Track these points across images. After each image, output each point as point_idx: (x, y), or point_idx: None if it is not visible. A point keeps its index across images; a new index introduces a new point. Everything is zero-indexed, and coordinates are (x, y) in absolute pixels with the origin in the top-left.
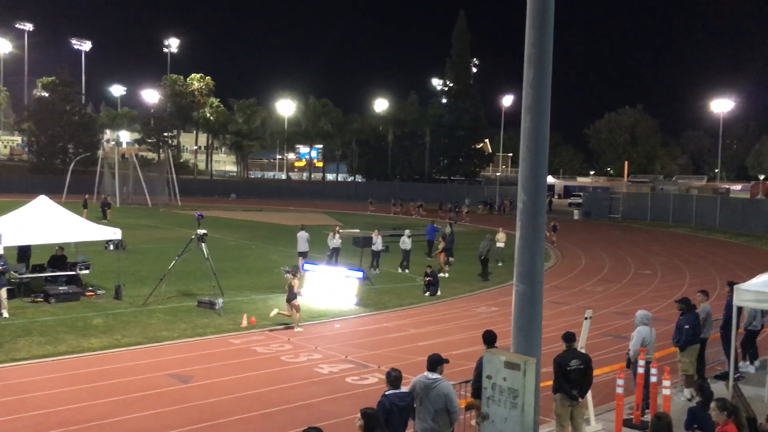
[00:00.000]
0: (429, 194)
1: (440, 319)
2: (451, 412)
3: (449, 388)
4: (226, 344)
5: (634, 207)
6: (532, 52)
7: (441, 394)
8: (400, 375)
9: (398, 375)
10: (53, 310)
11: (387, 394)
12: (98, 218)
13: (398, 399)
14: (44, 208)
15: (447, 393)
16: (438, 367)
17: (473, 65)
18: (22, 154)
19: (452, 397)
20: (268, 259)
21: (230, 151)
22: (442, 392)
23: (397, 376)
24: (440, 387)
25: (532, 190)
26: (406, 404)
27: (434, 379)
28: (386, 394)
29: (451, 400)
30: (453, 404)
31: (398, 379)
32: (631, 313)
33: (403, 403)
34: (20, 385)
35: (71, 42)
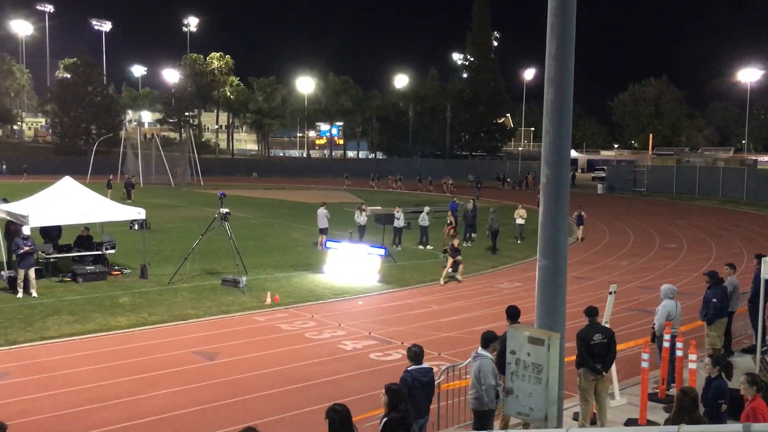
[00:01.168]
0: (450, 170)
1: (463, 296)
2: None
3: (484, 365)
4: (251, 322)
5: (659, 180)
6: (554, 22)
7: (476, 369)
8: (420, 351)
9: (418, 351)
10: (81, 290)
11: (409, 370)
12: (122, 198)
13: (420, 374)
14: (69, 189)
15: (479, 368)
16: (491, 345)
17: (494, 39)
18: (46, 136)
19: (486, 371)
20: (290, 237)
21: (251, 130)
22: (477, 368)
23: (417, 351)
24: (477, 363)
25: (555, 165)
26: (428, 380)
27: (475, 356)
28: (408, 369)
29: (485, 374)
30: (486, 378)
31: (418, 354)
32: (656, 288)
33: (425, 378)
34: (50, 363)
35: (92, 23)
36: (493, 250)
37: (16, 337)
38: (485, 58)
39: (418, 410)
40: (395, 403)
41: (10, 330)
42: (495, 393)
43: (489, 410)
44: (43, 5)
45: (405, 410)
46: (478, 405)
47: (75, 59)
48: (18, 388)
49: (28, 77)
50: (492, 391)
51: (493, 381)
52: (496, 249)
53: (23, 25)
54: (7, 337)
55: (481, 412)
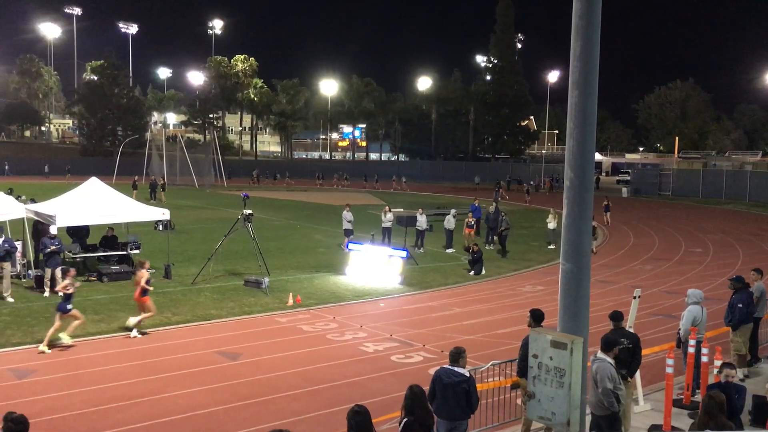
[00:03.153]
0: (473, 173)
1: (485, 298)
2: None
3: (602, 369)
4: (273, 322)
5: (685, 184)
6: (579, 24)
7: (594, 373)
8: (455, 352)
9: (453, 352)
10: (106, 289)
11: (441, 367)
12: (146, 199)
13: (446, 374)
14: (96, 190)
15: (596, 371)
16: (611, 349)
17: (518, 41)
18: (73, 137)
19: (603, 375)
20: (313, 238)
21: (274, 132)
22: (594, 371)
23: (452, 352)
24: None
25: (579, 168)
26: (452, 382)
27: (594, 359)
28: (442, 366)
29: (602, 378)
30: (602, 382)
31: (452, 355)
32: (681, 292)
33: (448, 379)
34: (75, 362)
35: (118, 25)
36: (503, 253)
37: (42, 335)
38: (509, 60)
39: (444, 410)
40: (411, 407)
41: (37, 328)
42: (615, 397)
43: (612, 413)
44: (71, 8)
45: (422, 414)
46: (599, 409)
47: (102, 61)
48: (44, 385)
49: (56, 79)
50: (609, 395)
51: (609, 385)
52: (506, 251)
53: (51, 27)
54: (33, 335)
55: (603, 416)
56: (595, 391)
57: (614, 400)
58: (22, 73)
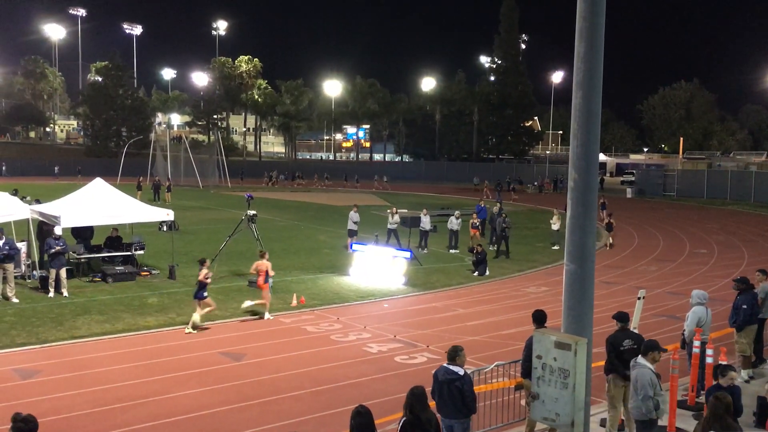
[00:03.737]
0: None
1: (489, 299)
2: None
3: (642, 375)
4: (277, 323)
5: (689, 184)
6: (583, 26)
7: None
8: (452, 350)
9: (450, 350)
10: (110, 290)
11: (442, 365)
12: (150, 200)
13: (440, 372)
14: (100, 190)
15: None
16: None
17: (522, 42)
18: (78, 138)
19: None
20: (317, 239)
21: (278, 133)
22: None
23: (448, 351)
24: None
25: (583, 168)
26: (446, 380)
27: (634, 365)
28: (442, 365)
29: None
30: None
31: (449, 354)
32: (686, 293)
33: (442, 377)
34: (80, 362)
35: (123, 26)
36: (506, 254)
37: (47, 335)
38: (513, 61)
39: (440, 408)
40: (411, 406)
41: (42, 329)
42: (655, 404)
43: (650, 420)
44: (76, 9)
45: (419, 413)
46: (640, 415)
47: (106, 62)
48: (49, 386)
49: (60, 80)
50: (649, 402)
51: (650, 392)
52: (508, 252)
53: (56, 28)
54: (38, 335)
55: (642, 422)
56: (635, 397)
57: (653, 406)
58: (26, 74)
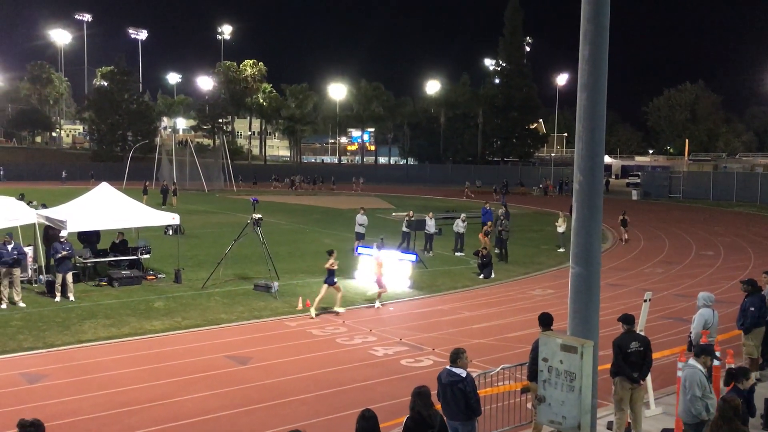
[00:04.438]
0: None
1: (495, 302)
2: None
3: (691, 376)
4: (282, 327)
5: (695, 186)
6: (587, 28)
7: (683, 379)
8: (454, 352)
9: (452, 352)
10: (116, 294)
11: (445, 368)
12: (158, 204)
13: (443, 374)
14: (106, 195)
15: (685, 378)
16: (702, 356)
17: (526, 44)
18: (84, 143)
19: (691, 382)
20: (322, 242)
21: (283, 136)
22: (684, 378)
23: (451, 353)
24: (685, 373)
25: (589, 171)
26: (448, 382)
27: (684, 365)
28: (445, 367)
29: (690, 384)
30: (691, 389)
31: (451, 356)
32: (693, 296)
33: (444, 380)
34: (87, 366)
35: (128, 31)
36: (504, 257)
37: (53, 340)
38: (517, 64)
39: (445, 410)
40: (413, 404)
41: (48, 333)
42: (704, 405)
43: (700, 421)
44: (81, 14)
45: (421, 410)
46: (688, 416)
47: (112, 67)
48: (55, 390)
49: (66, 85)
50: (697, 402)
51: (698, 392)
52: (507, 257)
53: (62, 34)
54: (45, 339)
55: (691, 424)
56: (684, 398)
57: (702, 408)
58: (32, 79)
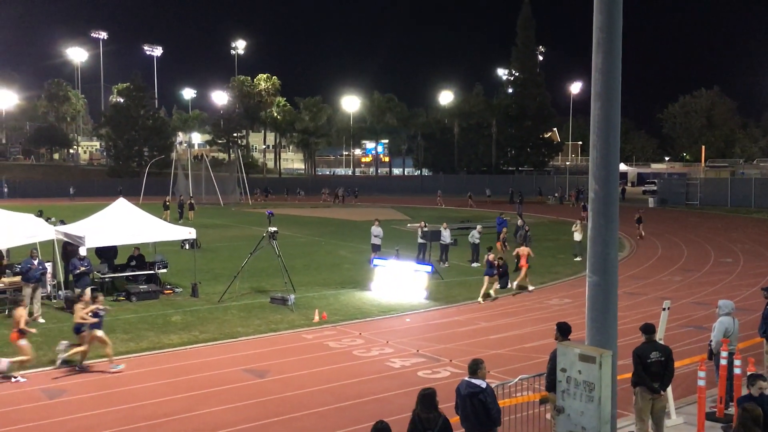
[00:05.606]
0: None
1: (511, 312)
2: None
3: None
4: (299, 339)
5: (712, 193)
6: (600, 37)
7: None
8: (473, 363)
9: (471, 363)
10: (134, 308)
11: (463, 379)
12: (175, 219)
13: (462, 386)
14: (123, 210)
15: None
16: None
17: (539, 53)
18: (101, 159)
19: None
20: (338, 255)
21: (297, 149)
22: None
23: (471, 364)
24: None
25: (604, 179)
26: (468, 393)
27: None
28: (463, 378)
29: None
30: None
31: (469, 367)
32: (712, 303)
33: (464, 391)
34: (106, 381)
35: (143, 48)
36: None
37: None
38: (531, 73)
39: (464, 422)
40: (414, 408)
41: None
42: None
43: None
44: (97, 32)
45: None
46: None
47: (128, 84)
48: (75, 405)
49: (83, 102)
50: None
51: None
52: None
53: (78, 52)
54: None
55: None
56: None
57: None
58: (50, 97)
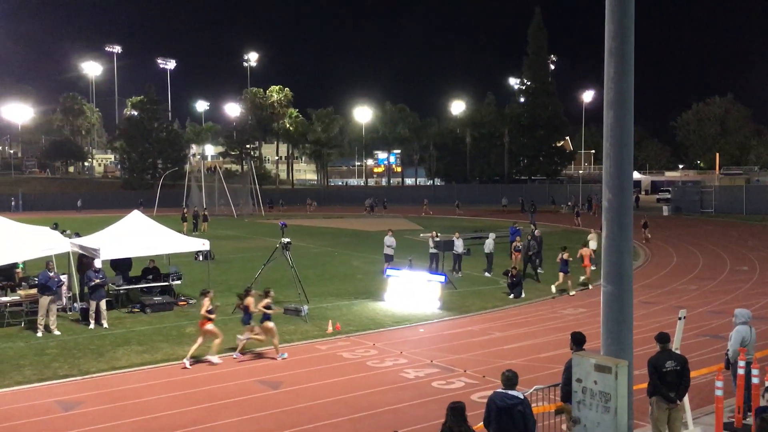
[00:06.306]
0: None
1: (526, 322)
2: None
3: None
4: (313, 350)
5: (727, 201)
6: (612, 45)
7: None
8: (513, 376)
9: (510, 375)
10: (149, 320)
11: (494, 392)
12: (189, 231)
13: (499, 398)
14: (137, 222)
15: None
16: None
17: (551, 62)
18: (115, 171)
19: None
20: (351, 265)
21: (310, 160)
22: None
23: (509, 376)
24: None
25: (618, 188)
26: (507, 405)
27: None
28: (496, 390)
29: None
30: None
31: (509, 379)
32: (729, 312)
33: (503, 403)
34: (121, 392)
35: (157, 61)
36: (534, 276)
37: (88, 367)
38: (542, 82)
39: None
40: (445, 421)
41: (83, 360)
42: None
43: None
44: (112, 46)
45: (452, 426)
46: None
47: (142, 97)
48: (90, 417)
49: (97, 116)
50: None
51: None
52: (536, 275)
53: (93, 65)
54: (80, 367)
55: None
56: None
57: None
58: (65, 110)
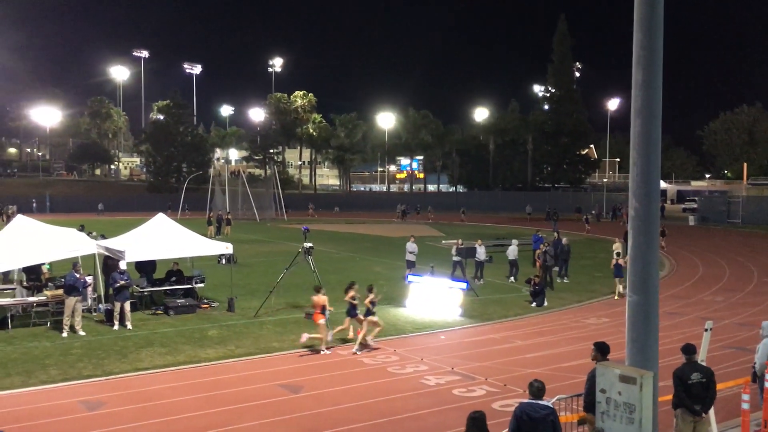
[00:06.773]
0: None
1: (548, 331)
2: None
3: None
4: (334, 355)
5: (755, 211)
6: (640, 54)
7: None
8: (542, 386)
9: (540, 386)
10: (172, 322)
11: (522, 403)
12: (214, 234)
13: (531, 409)
14: (162, 225)
15: None
16: None
17: (576, 69)
18: (141, 175)
19: None
20: (372, 270)
21: (333, 165)
22: None
23: (538, 387)
24: None
25: (644, 197)
26: (540, 416)
27: None
28: (522, 402)
29: None
30: None
31: (540, 390)
32: (756, 324)
33: (536, 414)
34: (144, 394)
35: (183, 66)
36: (549, 284)
37: (112, 368)
38: (567, 89)
39: None
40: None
41: (107, 361)
42: None
43: None
44: (139, 51)
45: None
46: None
47: (168, 101)
48: (113, 417)
49: (124, 119)
50: None
51: None
52: (551, 283)
53: (120, 70)
54: (103, 368)
55: None
56: None
57: None
58: (93, 114)
